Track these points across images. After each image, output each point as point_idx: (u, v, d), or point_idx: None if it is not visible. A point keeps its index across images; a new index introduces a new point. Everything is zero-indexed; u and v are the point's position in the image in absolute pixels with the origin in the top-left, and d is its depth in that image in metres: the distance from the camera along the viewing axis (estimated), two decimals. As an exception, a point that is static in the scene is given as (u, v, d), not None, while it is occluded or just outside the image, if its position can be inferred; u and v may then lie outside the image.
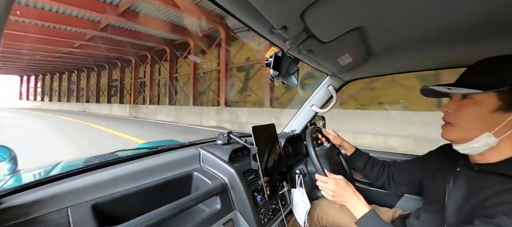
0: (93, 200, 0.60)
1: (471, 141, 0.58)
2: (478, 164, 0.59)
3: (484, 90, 0.54)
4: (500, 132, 0.54)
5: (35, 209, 0.53)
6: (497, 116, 0.54)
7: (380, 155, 1.34)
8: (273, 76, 0.84)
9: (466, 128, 0.59)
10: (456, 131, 0.61)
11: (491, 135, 0.55)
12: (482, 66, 0.60)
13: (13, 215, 0.50)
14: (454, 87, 0.59)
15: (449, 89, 0.59)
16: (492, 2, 0.53)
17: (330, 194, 0.82)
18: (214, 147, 1.00)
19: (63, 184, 0.61)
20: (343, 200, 0.80)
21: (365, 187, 1.33)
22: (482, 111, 0.56)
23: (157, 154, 0.90)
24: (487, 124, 0.55)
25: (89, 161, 0.75)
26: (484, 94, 0.55)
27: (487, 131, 0.55)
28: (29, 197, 0.54)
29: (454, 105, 0.62)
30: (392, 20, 0.65)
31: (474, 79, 0.60)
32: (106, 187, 0.65)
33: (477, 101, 0.57)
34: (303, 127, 1.49)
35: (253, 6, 0.49)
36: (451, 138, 0.64)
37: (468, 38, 0.75)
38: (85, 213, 0.56)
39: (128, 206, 0.66)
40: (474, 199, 0.55)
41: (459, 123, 0.60)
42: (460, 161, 0.67)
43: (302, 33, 0.67)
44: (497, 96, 0.54)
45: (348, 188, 0.80)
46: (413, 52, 0.90)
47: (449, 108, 0.63)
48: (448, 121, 0.64)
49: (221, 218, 0.76)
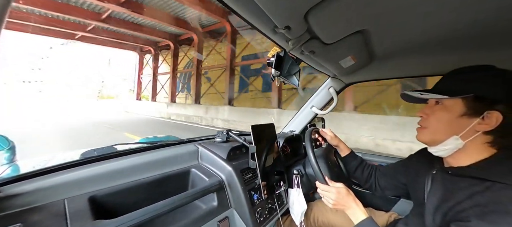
0: (90, 192, 0.61)
1: (441, 143, 0.62)
2: (452, 167, 0.63)
3: (451, 97, 0.59)
4: (466, 135, 0.58)
5: (32, 199, 0.53)
6: (463, 121, 0.58)
7: (373, 158, 1.35)
8: (274, 75, 0.84)
9: (436, 131, 0.63)
10: (427, 133, 0.66)
11: (458, 138, 0.59)
12: (455, 74, 0.64)
13: (10, 204, 0.50)
14: (425, 93, 0.63)
15: (421, 95, 0.63)
16: (493, 11, 0.53)
17: (331, 202, 0.83)
18: (213, 144, 1.01)
19: (60, 176, 0.61)
20: (343, 208, 0.81)
21: (362, 190, 1.33)
22: (450, 116, 0.60)
23: (155, 149, 0.90)
24: (454, 128, 0.59)
25: (88, 154, 0.75)
26: (452, 100, 0.60)
27: (454, 134, 0.59)
28: (26, 187, 0.54)
29: (428, 110, 0.66)
30: (395, 25, 0.65)
31: (446, 86, 0.64)
32: (103, 180, 0.65)
33: (446, 107, 0.61)
34: (303, 127, 1.49)
35: (257, 5, 0.49)
36: (423, 140, 0.68)
37: (471, 45, 0.75)
38: (81, 205, 0.56)
39: (125, 200, 0.66)
40: (448, 201, 0.57)
41: (430, 126, 0.65)
42: (436, 164, 0.70)
43: (305, 34, 0.66)
44: (463, 102, 0.58)
45: (348, 196, 0.81)
46: (415, 57, 0.90)
47: (423, 113, 0.67)
48: (422, 124, 0.68)
49: (217, 215, 0.76)
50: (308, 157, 0.92)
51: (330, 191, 0.83)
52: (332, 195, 0.82)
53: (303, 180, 1.06)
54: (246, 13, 0.57)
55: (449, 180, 0.62)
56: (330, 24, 0.62)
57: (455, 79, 0.63)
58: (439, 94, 0.60)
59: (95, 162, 0.71)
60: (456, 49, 0.79)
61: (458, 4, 0.53)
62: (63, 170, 0.64)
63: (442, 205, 0.59)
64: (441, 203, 0.60)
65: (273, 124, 1.05)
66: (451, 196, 0.57)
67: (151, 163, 0.78)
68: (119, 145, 0.92)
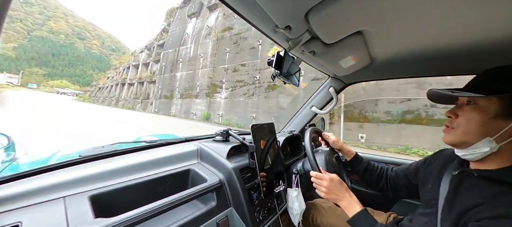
0: (89, 191, 0.60)
1: (472, 146, 0.58)
2: (478, 170, 0.60)
3: (485, 96, 0.54)
4: (500, 138, 0.54)
5: (32, 197, 0.53)
6: (498, 122, 0.54)
7: (379, 159, 1.35)
8: (274, 75, 0.84)
9: (466, 133, 0.59)
10: (456, 135, 0.62)
11: (492, 140, 0.55)
12: (487, 74, 0.60)
13: (9, 202, 0.50)
14: (457, 91, 0.59)
15: (452, 93, 0.59)
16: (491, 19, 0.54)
17: (323, 190, 0.83)
18: (213, 143, 1.01)
19: (60, 174, 0.61)
20: (336, 198, 0.81)
21: (361, 189, 1.33)
22: (483, 117, 0.56)
23: (155, 147, 0.90)
24: (487, 129, 0.55)
25: (87, 152, 0.75)
26: (485, 100, 0.56)
27: (488, 136, 0.56)
28: (26, 186, 0.54)
29: (458, 110, 0.63)
30: (395, 26, 0.65)
31: (478, 86, 0.60)
32: (103, 179, 0.65)
33: (479, 107, 0.57)
34: (302, 127, 1.49)
35: (257, 4, 0.49)
36: (451, 141, 0.64)
37: (468, 48, 0.75)
38: (81, 204, 0.56)
39: (125, 199, 0.66)
40: (470, 204, 0.55)
41: (460, 127, 0.60)
42: (458, 166, 0.67)
43: (305, 34, 0.66)
44: (498, 102, 0.54)
45: (341, 186, 0.81)
46: (415, 58, 0.90)
47: (452, 113, 0.64)
48: (450, 125, 0.64)
49: (216, 214, 0.76)
50: (306, 149, 0.93)
51: (323, 178, 0.83)
52: (325, 182, 0.82)
53: (302, 180, 1.07)
54: (247, 12, 0.57)
55: (474, 183, 0.58)
56: (331, 24, 0.62)
57: (490, 77, 0.58)
58: (472, 93, 0.56)
59: (95, 160, 0.71)
60: (454, 51, 0.80)
61: (458, 6, 0.53)
62: (62, 169, 0.64)
63: (462, 207, 0.55)
64: (460, 204, 0.56)
65: (272, 123, 1.05)
66: (474, 198, 0.54)
67: (151, 161, 0.78)
68: (118, 143, 0.92)
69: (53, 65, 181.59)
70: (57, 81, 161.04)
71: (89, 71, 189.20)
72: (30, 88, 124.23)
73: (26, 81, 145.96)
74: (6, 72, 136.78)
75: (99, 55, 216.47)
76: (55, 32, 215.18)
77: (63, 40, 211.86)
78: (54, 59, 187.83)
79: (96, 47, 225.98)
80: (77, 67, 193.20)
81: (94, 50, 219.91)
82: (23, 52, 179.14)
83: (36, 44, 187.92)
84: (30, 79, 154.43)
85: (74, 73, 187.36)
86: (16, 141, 1.34)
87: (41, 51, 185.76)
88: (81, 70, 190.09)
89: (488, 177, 0.56)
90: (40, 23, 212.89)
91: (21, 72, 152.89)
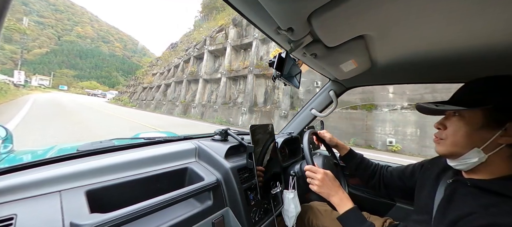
0: (85, 185, 0.60)
1: (462, 156, 0.60)
2: (472, 179, 0.60)
3: (469, 108, 0.56)
4: (488, 148, 0.55)
5: (27, 190, 0.53)
6: (484, 133, 0.55)
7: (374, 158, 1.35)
8: (275, 76, 0.84)
9: (455, 144, 0.60)
10: (446, 145, 0.63)
11: (480, 151, 0.56)
12: (471, 85, 0.62)
13: (5, 195, 0.50)
14: (441, 105, 0.61)
15: (436, 107, 0.61)
16: (491, 26, 0.54)
17: (316, 183, 0.84)
18: (211, 142, 1.00)
19: (57, 168, 0.60)
20: (328, 192, 0.82)
21: (358, 194, 1.34)
22: (469, 128, 0.57)
23: (154, 145, 0.89)
24: (474, 140, 0.57)
25: (85, 147, 0.75)
26: (470, 112, 0.57)
27: (475, 146, 0.57)
28: (22, 178, 0.54)
29: (446, 121, 0.64)
30: (397, 31, 0.66)
31: (463, 97, 0.62)
32: (100, 174, 0.65)
33: (464, 118, 0.59)
34: (301, 129, 1.49)
35: (261, 5, 0.49)
36: (442, 152, 0.65)
37: (469, 56, 0.75)
38: (77, 198, 0.56)
39: (121, 195, 0.66)
40: (462, 212, 0.55)
41: (449, 138, 0.62)
42: (452, 174, 0.68)
43: (307, 36, 0.66)
44: (483, 113, 0.55)
45: (334, 182, 0.83)
46: (416, 64, 0.90)
47: (440, 124, 0.65)
48: (439, 136, 0.66)
49: (212, 213, 0.76)
50: (303, 148, 0.95)
51: (317, 172, 0.85)
52: (319, 175, 0.83)
53: (299, 182, 1.07)
54: (250, 13, 0.57)
55: (467, 192, 0.59)
56: (333, 28, 0.62)
57: (474, 89, 0.60)
58: (456, 106, 0.57)
59: (92, 155, 0.71)
60: (455, 59, 0.80)
61: (461, 12, 0.53)
62: (59, 163, 0.63)
63: (455, 215, 0.55)
64: (453, 213, 0.56)
65: (272, 124, 1.05)
66: (466, 207, 0.55)
67: (148, 158, 0.78)
68: (117, 139, 0.91)
69: (80, 68, 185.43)
70: (86, 82, 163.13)
71: (114, 72, 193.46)
72: (61, 90, 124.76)
73: (57, 83, 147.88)
74: (38, 74, 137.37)
75: (122, 57, 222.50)
76: (82, 36, 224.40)
77: (90, 44, 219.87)
78: (82, 62, 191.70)
79: (119, 49, 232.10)
80: (103, 69, 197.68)
81: (117, 53, 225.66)
82: (54, 56, 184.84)
83: (65, 48, 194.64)
84: (60, 81, 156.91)
85: (100, 74, 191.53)
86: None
87: (70, 54, 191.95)
88: (107, 72, 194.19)
89: (480, 187, 0.57)
90: (69, 29, 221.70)
91: (52, 74, 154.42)
